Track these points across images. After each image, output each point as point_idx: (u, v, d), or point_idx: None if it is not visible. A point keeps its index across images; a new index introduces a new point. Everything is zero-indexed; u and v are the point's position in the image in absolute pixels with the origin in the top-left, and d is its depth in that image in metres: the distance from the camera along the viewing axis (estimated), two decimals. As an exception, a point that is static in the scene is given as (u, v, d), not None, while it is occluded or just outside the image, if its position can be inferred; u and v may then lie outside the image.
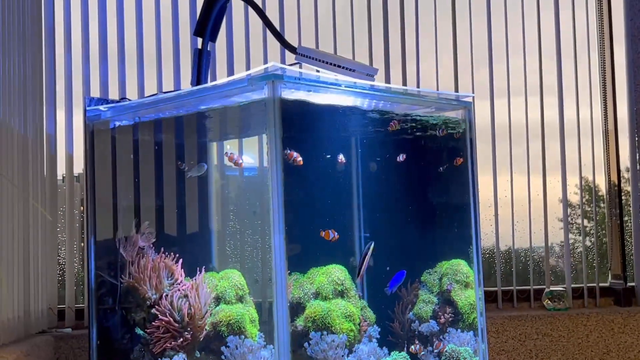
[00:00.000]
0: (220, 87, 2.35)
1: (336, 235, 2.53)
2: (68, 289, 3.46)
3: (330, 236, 2.52)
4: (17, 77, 3.00)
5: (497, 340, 3.61)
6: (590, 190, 4.00)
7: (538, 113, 3.90)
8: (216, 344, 2.43)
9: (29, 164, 3.12)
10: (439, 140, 2.85)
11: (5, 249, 2.77)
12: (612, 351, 3.68)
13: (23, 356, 2.75)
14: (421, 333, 2.76)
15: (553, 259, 4.02)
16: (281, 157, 2.19)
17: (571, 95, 3.92)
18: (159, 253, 2.52)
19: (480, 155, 3.70)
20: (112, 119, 2.59)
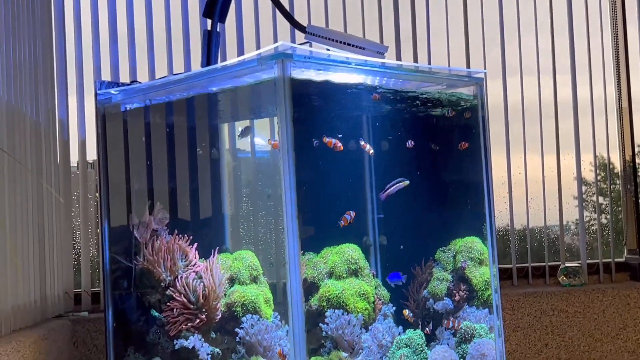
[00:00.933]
0: (230, 68, 2.34)
1: (353, 215, 2.53)
2: (84, 273, 3.48)
3: (348, 220, 2.52)
4: (28, 62, 3.00)
5: (512, 317, 3.61)
6: (605, 167, 3.98)
7: (551, 91, 3.88)
8: (231, 325, 2.44)
9: (42, 150, 3.13)
10: (451, 119, 2.84)
11: (20, 234, 2.78)
12: (628, 326, 3.66)
13: (40, 340, 2.77)
14: (436, 311, 2.76)
15: (569, 237, 4.01)
16: (292, 137, 2.17)
17: (584, 73, 3.90)
18: (173, 235, 2.52)
19: (493, 135, 3.70)
20: (123, 102, 2.59)
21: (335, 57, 2.37)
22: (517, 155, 3.85)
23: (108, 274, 2.56)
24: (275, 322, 2.44)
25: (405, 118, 2.80)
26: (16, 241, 2.74)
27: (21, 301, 2.78)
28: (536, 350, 3.62)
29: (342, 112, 2.70)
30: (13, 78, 2.81)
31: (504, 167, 3.82)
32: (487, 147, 2.71)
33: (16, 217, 2.75)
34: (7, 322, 2.63)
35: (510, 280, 3.83)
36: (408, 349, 2.51)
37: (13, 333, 2.66)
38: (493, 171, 3.68)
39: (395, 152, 2.80)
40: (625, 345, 3.66)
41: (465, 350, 2.63)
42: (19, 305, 2.75)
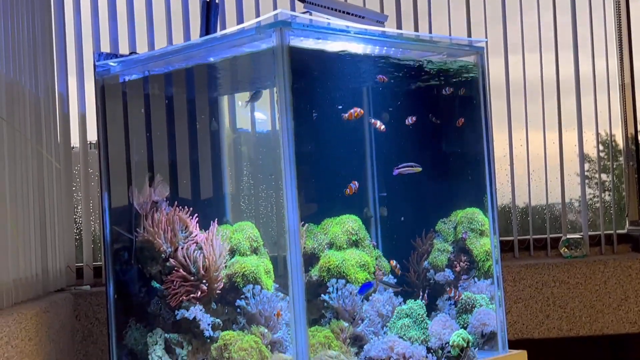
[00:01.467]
0: (229, 37, 2.33)
1: (357, 185, 2.55)
2: (85, 247, 3.49)
3: (353, 188, 2.54)
4: (27, 36, 2.99)
5: (514, 288, 3.61)
6: (607, 144, 3.98)
7: (553, 68, 3.87)
8: (232, 296, 2.44)
9: (42, 123, 3.12)
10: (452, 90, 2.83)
11: (21, 208, 2.78)
12: (630, 297, 3.67)
13: (42, 312, 2.77)
14: (437, 282, 2.76)
15: (572, 215, 4.01)
16: (291, 107, 2.16)
17: (586, 50, 3.88)
18: (173, 207, 2.52)
19: (495, 112, 3.70)
20: (122, 74, 2.58)
21: (334, 25, 2.35)
22: (518, 132, 3.85)
23: (109, 246, 2.56)
24: (276, 293, 2.44)
25: (406, 89, 2.79)
26: (17, 214, 2.74)
27: (23, 274, 2.78)
28: (538, 322, 3.63)
29: (342, 83, 2.69)
30: (12, 52, 2.80)
31: (506, 142, 3.82)
32: (488, 117, 2.70)
33: (16, 191, 2.74)
34: (8, 295, 2.64)
35: (511, 252, 3.83)
36: (409, 319, 2.51)
37: (15, 305, 2.67)
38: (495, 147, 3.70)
39: (395, 124, 2.78)
40: (626, 316, 3.67)
41: (466, 320, 2.63)
42: (20, 278, 2.75)
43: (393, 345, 2.34)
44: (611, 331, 3.66)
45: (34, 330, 2.66)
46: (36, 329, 2.68)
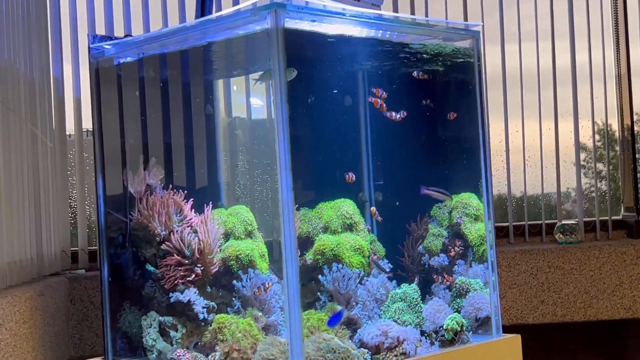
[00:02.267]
0: (224, 18, 2.31)
1: (353, 178, 2.59)
2: (80, 231, 3.49)
3: (351, 177, 2.58)
4: (21, 18, 2.97)
5: (508, 274, 3.62)
6: (603, 133, 3.99)
7: (549, 58, 3.88)
8: (227, 279, 2.43)
9: (37, 106, 3.11)
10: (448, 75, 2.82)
11: (15, 191, 2.77)
12: (624, 283, 3.67)
13: (36, 296, 2.77)
14: (431, 266, 2.76)
15: (568, 205, 4.02)
16: (286, 90, 2.15)
17: (583, 39, 3.89)
18: (168, 190, 2.51)
19: (491, 102, 3.70)
20: (117, 56, 2.56)
21: (330, 8, 2.33)
22: (515, 120, 3.86)
23: (103, 229, 2.55)
24: (270, 276, 2.44)
25: (401, 73, 2.78)
26: (11, 198, 2.73)
27: (17, 257, 2.78)
28: (532, 307, 3.64)
29: (338, 66, 2.68)
30: (6, 34, 2.79)
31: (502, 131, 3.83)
32: (483, 102, 2.69)
33: (11, 174, 2.74)
34: (3, 277, 2.63)
35: (507, 238, 3.84)
36: (403, 302, 2.51)
37: (9, 288, 2.67)
38: (492, 136, 3.71)
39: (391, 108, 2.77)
40: (621, 302, 3.67)
41: (460, 305, 2.63)
42: (15, 261, 2.75)
43: (387, 329, 2.34)
44: (605, 317, 3.67)
45: (28, 313, 2.66)
46: (30, 312, 2.68)
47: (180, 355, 2.33)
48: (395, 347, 2.30)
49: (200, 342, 2.36)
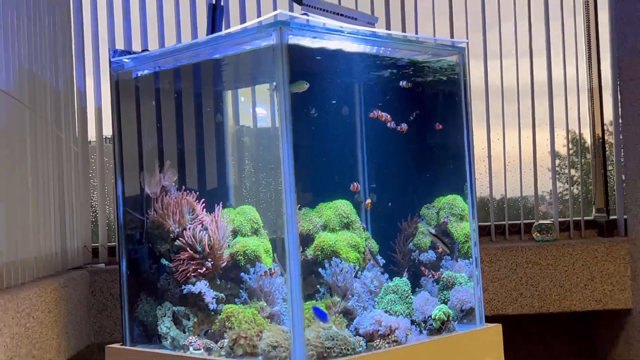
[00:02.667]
0: (232, 35, 2.31)
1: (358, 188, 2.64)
2: (101, 228, 3.48)
3: (355, 186, 2.61)
4: (48, 34, 2.97)
5: (490, 269, 3.61)
6: (576, 141, 3.99)
7: (528, 73, 3.89)
8: (234, 272, 2.43)
9: (62, 114, 3.10)
10: (436, 87, 2.82)
11: (41, 191, 2.77)
12: (595, 277, 3.67)
13: (60, 287, 2.76)
14: (421, 261, 2.75)
15: (543, 207, 4.02)
16: (289, 101, 2.14)
17: (558, 56, 3.90)
18: (181, 191, 2.51)
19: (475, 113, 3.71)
20: (135, 69, 2.56)
21: (329, 26, 2.33)
22: (496, 130, 3.87)
23: (122, 226, 2.55)
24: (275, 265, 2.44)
25: (394, 85, 2.78)
26: (38, 198, 2.72)
27: (43, 252, 2.77)
28: (512, 299, 3.63)
29: (336, 78, 2.67)
30: (34, 48, 2.78)
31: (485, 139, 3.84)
32: (469, 111, 2.68)
33: (38, 176, 2.73)
34: (30, 271, 2.62)
35: (489, 236, 3.83)
36: (394, 294, 2.51)
37: (36, 280, 2.66)
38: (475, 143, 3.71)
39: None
40: (592, 295, 3.67)
41: (447, 297, 2.62)
42: (41, 256, 2.74)
43: (380, 319, 2.33)
44: (578, 308, 3.67)
45: (53, 303, 2.65)
46: (55, 302, 2.68)
47: (192, 342, 2.32)
48: (387, 335, 2.30)
49: (210, 330, 2.36)
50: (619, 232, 3.84)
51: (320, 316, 2.25)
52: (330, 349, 2.16)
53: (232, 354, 2.24)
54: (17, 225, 2.49)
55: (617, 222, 3.87)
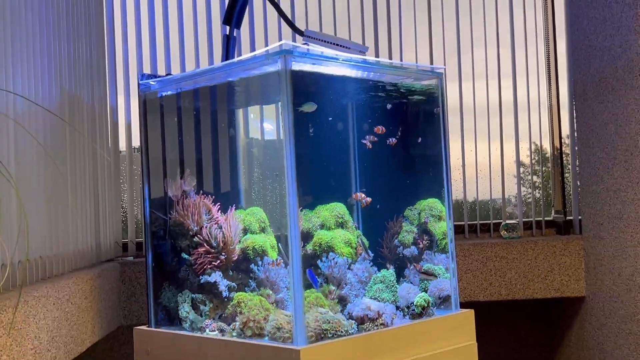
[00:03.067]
0: (244, 62, 2.32)
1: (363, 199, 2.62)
2: (130, 226, 3.48)
3: (358, 197, 2.60)
4: (85, 60, 2.98)
5: (464, 262, 3.62)
6: (538, 152, 4.01)
7: (496, 92, 3.90)
8: (245, 265, 2.43)
9: (97, 129, 3.11)
10: (417, 106, 2.82)
11: (80, 195, 2.77)
12: (554, 270, 3.68)
13: (95, 277, 2.77)
14: (404, 255, 2.75)
15: (510, 208, 4.03)
16: (293, 119, 2.15)
17: (523, 78, 3.91)
18: (199, 195, 2.51)
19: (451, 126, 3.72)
20: (160, 90, 2.57)
21: (327, 54, 2.34)
22: (469, 142, 3.88)
23: (148, 225, 2.55)
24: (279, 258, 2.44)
25: (381, 104, 2.78)
26: (76, 200, 2.73)
27: (80, 247, 2.77)
28: (483, 288, 3.64)
29: (332, 98, 2.68)
30: (74, 72, 2.79)
31: (459, 150, 3.85)
32: (446, 127, 2.69)
33: (76, 181, 2.74)
34: (69, 263, 2.63)
35: (463, 234, 3.84)
36: (382, 284, 2.51)
37: (74, 271, 2.66)
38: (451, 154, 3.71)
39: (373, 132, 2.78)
40: (552, 284, 3.68)
41: (427, 286, 2.63)
42: (78, 249, 2.75)
43: (370, 305, 2.34)
44: (540, 296, 3.68)
45: (89, 290, 2.66)
46: (90, 290, 2.68)
47: (208, 324, 2.33)
48: (376, 319, 2.30)
49: (223, 314, 2.36)
50: (574, 231, 3.85)
51: (313, 281, 2.26)
52: (327, 330, 2.17)
53: (242, 335, 2.25)
54: (58, 224, 2.50)
55: (573, 222, 3.87)
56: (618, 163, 3.31)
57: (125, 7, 3.46)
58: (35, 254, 2.29)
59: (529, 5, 3.92)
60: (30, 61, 2.31)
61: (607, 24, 3.34)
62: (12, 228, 2.06)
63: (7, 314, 1.86)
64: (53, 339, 2.23)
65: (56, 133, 2.51)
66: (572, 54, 3.70)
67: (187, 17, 3.52)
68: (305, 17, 3.65)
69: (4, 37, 2.10)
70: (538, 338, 4.12)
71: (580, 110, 3.62)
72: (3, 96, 2.05)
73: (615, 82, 3.30)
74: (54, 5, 2.56)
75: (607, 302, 3.46)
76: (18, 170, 2.13)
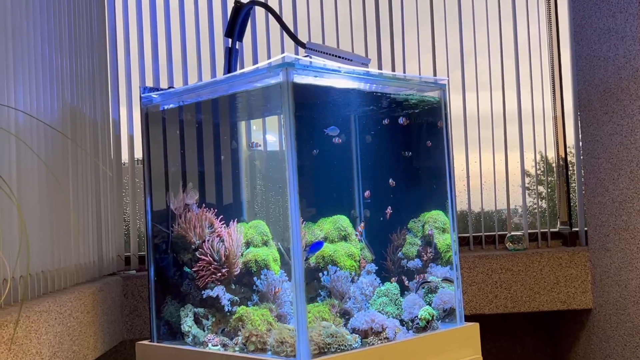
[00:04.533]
0: (246, 74, 2.32)
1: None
2: (132, 240, 3.48)
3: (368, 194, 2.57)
4: (87, 73, 2.99)
5: (469, 274, 3.60)
6: (543, 162, 4.00)
7: (501, 103, 3.90)
8: (247, 278, 2.43)
9: (99, 142, 3.12)
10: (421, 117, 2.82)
11: (82, 209, 2.78)
12: (560, 282, 3.66)
13: (97, 291, 2.77)
14: (408, 268, 2.75)
15: (516, 218, 4.02)
16: (294, 131, 2.15)
17: (527, 89, 3.91)
18: (201, 208, 2.51)
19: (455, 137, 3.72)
20: (162, 103, 2.58)
21: (329, 66, 2.35)
22: (473, 152, 3.88)
23: (150, 238, 2.55)
24: (282, 277, 2.43)
25: (384, 116, 2.79)
26: (78, 214, 2.74)
27: (82, 261, 2.78)
28: (488, 301, 3.62)
29: (335, 111, 2.69)
30: (76, 86, 2.81)
31: (464, 161, 3.84)
32: (449, 139, 2.69)
33: (78, 195, 2.74)
34: (71, 277, 2.63)
35: (467, 246, 3.83)
36: (386, 297, 2.50)
37: (76, 285, 2.66)
38: (455, 164, 3.71)
39: (377, 142, 2.78)
40: (558, 297, 3.66)
41: (431, 299, 2.62)
42: (80, 264, 2.75)
43: (374, 318, 2.33)
44: (546, 308, 3.66)
45: (91, 305, 2.66)
46: (93, 304, 2.68)
47: (211, 339, 2.32)
48: (380, 333, 2.30)
49: (226, 329, 2.35)
50: (580, 243, 3.84)
51: (317, 246, 2.25)
52: (330, 344, 2.16)
53: (245, 350, 2.24)
54: (60, 238, 2.50)
55: (579, 234, 3.86)
56: (624, 174, 3.31)
57: (128, 20, 3.48)
58: (37, 268, 2.30)
59: (533, 15, 3.92)
60: (32, 76, 2.32)
61: (611, 33, 3.35)
62: (13, 243, 2.06)
63: (8, 329, 1.86)
64: (55, 354, 2.23)
65: (58, 147, 2.52)
66: (576, 64, 3.70)
67: (190, 30, 3.54)
68: (308, 29, 3.66)
69: (5, 52, 2.11)
70: (544, 351, 4.10)
71: (585, 121, 3.61)
72: (4, 112, 2.07)
73: (620, 93, 3.30)
74: (55, 19, 2.58)
75: (614, 315, 3.45)
76: (20, 185, 2.14)
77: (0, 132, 2.00)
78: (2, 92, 2.07)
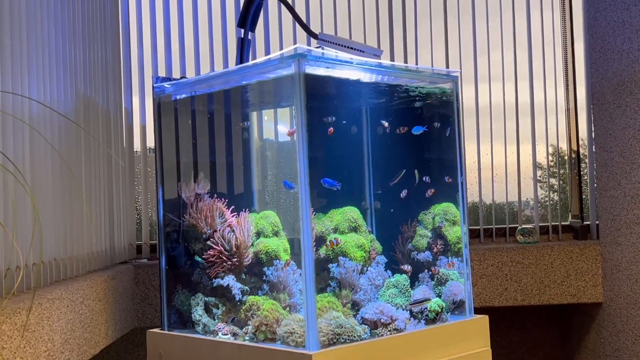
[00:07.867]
0: (258, 65, 2.33)
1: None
2: (144, 229, 3.50)
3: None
4: (100, 64, 3.00)
5: (479, 266, 3.60)
6: (555, 155, 3.98)
7: (513, 95, 3.88)
8: (257, 268, 2.44)
9: (111, 131, 3.14)
10: (432, 109, 2.81)
11: (94, 198, 2.80)
12: (571, 275, 3.65)
13: (109, 279, 2.79)
14: (418, 260, 2.75)
15: (527, 211, 4.00)
16: (306, 122, 2.16)
17: (540, 81, 3.89)
18: (213, 198, 2.52)
19: (467, 129, 3.71)
20: (174, 93, 2.58)
21: (341, 57, 2.34)
22: (485, 144, 3.86)
23: (162, 228, 2.57)
24: (292, 267, 2.44)
25: (396, 108, 2.78)
26: (91, 203, 2.75)
27: (95, 249, 2.80)
28: (498, 293, 3.62)
29: (346, 102, 2.68)
30: (89, 75, 2.82)
31: (475, 152, 3.83)
32: (461, 131, 2.68)
33: (91, 185, 2.76)
34: (83, 265, 2.65)
35: (478, 239, 3.82)
36: (395, 289, 2.51)
37: (88, 273, 2.68)
38: (467, 156, 3.70)
39: (388, 136, 2.78)
40: (568, 290, 3.65)
41: (441, 291, 2.62)
42: (93, 252, 2.77)
43: (383, 309, 2.33)
44: (556, 301, 3.65)
45: (103, 293, 2.68)
46: (104, 292, 2.70)
47: (221, 328, 2.34)
48: (389, 324, 2.30)
49: (236, 318, 2.37)
50: (591, 236, 3.82)
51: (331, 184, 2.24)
52: (339, 335, 2.17)
53: (255, 339, 2.26)
54: (73, 226, 2.52)
55: (590, 227, 3.84)
56: (636, 168, 3.28)
57: (141, 11, 3.49)
58: (50, 256, 2.32)
59: (547, 7, 3.90)
60: (46, 66, 2.33)
61: (625, 26, 3.32)
62: (26, 231, 2.08)
63: (21, 316, 1.88)
64: (66, 341, 2.25)
65: (71, 137, 2.53)
66: (589, 56, 3.68)
67: (202, 20, 3.54)
68: (320, 20, 3.65)
69: (19, 42, 2.13)
70: (554, 344, 4.09)
71: (598, 114, 3.59)
72: (19, 101, 2.08)
73: (633, 86, 3.27)
74: (69, 10, 2.59)
75: (624, 309, 3.43)
76: (33, 174, 2.16)
77: (15, 122, 2.01)
78: (17, 82, 2.09)
